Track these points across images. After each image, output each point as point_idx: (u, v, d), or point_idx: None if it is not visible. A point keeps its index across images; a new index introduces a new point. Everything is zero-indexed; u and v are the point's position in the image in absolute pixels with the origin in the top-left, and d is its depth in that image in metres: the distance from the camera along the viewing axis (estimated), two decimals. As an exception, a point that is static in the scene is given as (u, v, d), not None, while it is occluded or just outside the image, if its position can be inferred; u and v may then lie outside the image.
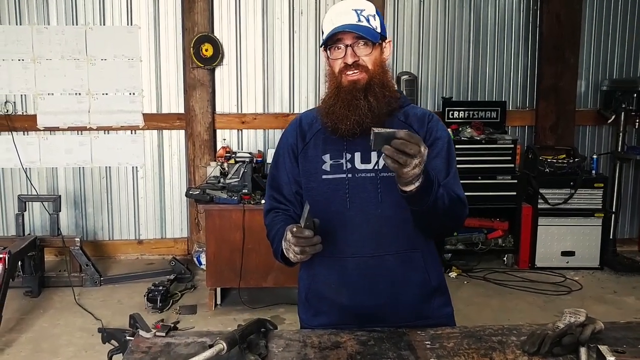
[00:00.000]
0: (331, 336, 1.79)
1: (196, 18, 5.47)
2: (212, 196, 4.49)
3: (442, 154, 1.90)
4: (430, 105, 5.89)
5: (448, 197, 1.77)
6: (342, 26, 1.82)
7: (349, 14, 1.84)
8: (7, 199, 5.72)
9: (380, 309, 1.90)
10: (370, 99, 1.83)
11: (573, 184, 5.40)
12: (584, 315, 1.70)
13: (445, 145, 1.91)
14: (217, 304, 4.67)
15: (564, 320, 1.70)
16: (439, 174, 1.83)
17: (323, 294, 1.96)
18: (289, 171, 1.99)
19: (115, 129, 5.72)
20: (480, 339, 1.77)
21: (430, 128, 1.92)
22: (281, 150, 2.03)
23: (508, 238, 5.61)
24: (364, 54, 1.84)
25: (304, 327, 2.01)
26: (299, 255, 1.74)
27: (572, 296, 4.92)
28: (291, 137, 2.01)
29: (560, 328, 1.66)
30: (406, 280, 1.90)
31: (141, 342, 1.76)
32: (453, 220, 1.87)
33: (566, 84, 5.79)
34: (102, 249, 5.85)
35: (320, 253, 1.91)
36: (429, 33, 5.86)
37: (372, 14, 1.87)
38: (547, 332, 1.66)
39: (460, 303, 4.63)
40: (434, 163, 1.86)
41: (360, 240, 1.88)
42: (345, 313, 1.92)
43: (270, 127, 5.78)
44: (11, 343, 4.01)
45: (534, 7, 5.87)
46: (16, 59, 5.55)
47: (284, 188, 2.00)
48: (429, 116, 1.96)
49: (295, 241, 1.71)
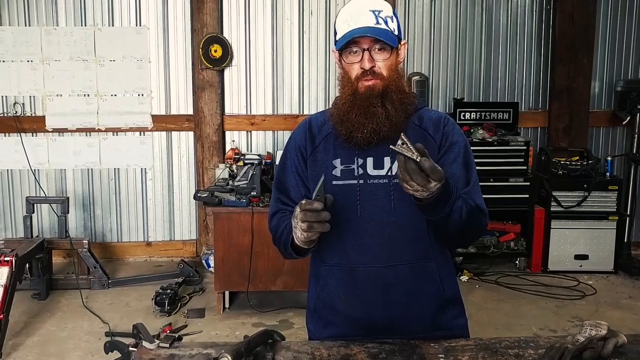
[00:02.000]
0: (341, 348, 1.73)
1: (205, 19, 5.43)
2: (221, 199, 4.45)
3: (459, 160, 1.82)
4: (442, 107, 5.83)
5: (466, 209, 1.70)
6: (361, 29, 1.73)
7: (366, 15, 1.75)
8: (16, 200, 5.71)
9: (392, 321, 1.82)
10: (388, 107, 1.76)
11: (587, 186, 5.32)
12: (605, 328, 1.63)
13: (462, 150, 1.84)
14: (226, 307, 4.62)
15: (584, 333, 1.63)
16: (458, 182, 1.77)
17: (332, 304, 1.88)
18: (296, 174, 1.91)
19: (124, 131, 5.69)
20: (496, 352, 1.71)
21: (446, 132, 1.85)
22: (289, 153, 1.95)
23: (520, 241, 5.53)
24: (381, 59, 1.76)
25: (313, 338, 1.95)
26: (305, 233, 1.64)
27: (586, 301, 4.83)
28: (300, 139, 1.93)
29: (580, 342, 1.60)
30: (420, 291, 1.83)
31: (144, 353, 1.71)
32: (471, 231, 1.80)
33: (580, 85, 5.71)
34: (111, 251, 5.83)
35: (329, 262, 1.86)
36: (440, 33, 5.79)
37: (389, 15, 1.79)
38: (566, 346, 1.59)
39: (472, 307, 4.57)
40: (452, 170, 1.79)
41: (372, 250, 1.80)
42: (356, 325, 1.84)
43: (279, 128, 5.74)
44: (18, 347, 3.98)
45: (547, 7, 5.78)
46: (25, 60, 5.53)
47: (291, 191, 1.92)
48: (445, 120, 1.88)
49: (302, 215, 1.63)
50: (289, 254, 1.86)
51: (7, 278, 3.93)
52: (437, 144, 1.83)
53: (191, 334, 4.17)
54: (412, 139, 1.80)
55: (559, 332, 4.15)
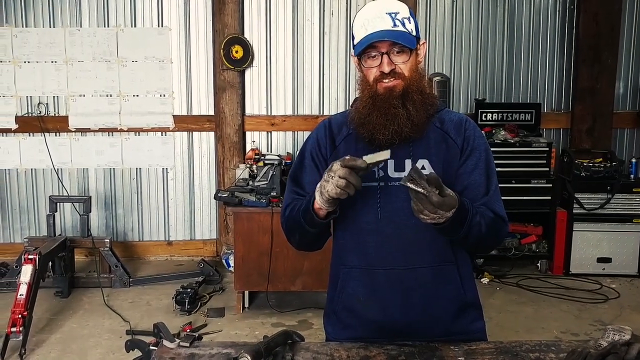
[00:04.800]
0: (360, 350, 1.73)
1: (226, 20, 5.46)
2: (241, 199, 4.46)
3: (481, 166, 1.81)
4: (463, 107, 5.79)
5: (485, 222, 1.71)
6: (378, 33, 1.72)
7: (383, 19, 1.73)
8: (39, 199, 5.79)
9: (412, 324, 1.81)
10: (409, 107, 1.74)
11: (610, 188, 5.25)
12: (629, 333, 1.60)
13: (483, 155, 1.83)
14: (245, 307, 4.64)
15: (607, 338, 1.60)
16: (479, 189, 1.77)
17: (351, 307, 1.87)
18: (314, 173, 1.89)
19: (146, 131, 5.74)
20: (516, 355, 1.69)
21: (467, 137, 1.83)
22: (307, 152, 1.93)
23: (542, 243, 5.47)
24: (400, 61, 1.75)
25: (330, 340, 1.93)
26: (338, 189, 1.57)
27: (609, 305, 4.76)
28: (320, 139, 1.92)
29: (603, 347, 1.57)
30: (440, 294, 1.82)
31: (165, 352, 1.72)
32: (492, 240, 1.80)
33: (603, 86, 5.63)
34: (132, 250, 5.88)
35: (348, 264, 1.85)
36: (461, 33, 5.75)
37: (406, 16, 1.76)
38: (588, 351, 1.56)
39: (492, 310, 4.54)
40: (473, 177, 1.79)
41: (392, 252, 1.79)
42: (374, 328, 1.83)
43: (299, 129, 5.75)
44: (41, 343, 4.03)
45: (570, 7, 5.72)
46: (49, 61, 5.60)
47: (307, 187, 1.89)
48: (466, 122, 1.87)
49: (344, 172, 1.57)
50: (301, 227, 1.79)
51: (31, 276, 3.98)
52: (459, 148, 1.82)
53: (211, 333, 4.19)
54: (434, 141, 1.80)
55: (581, 336, 4.09)
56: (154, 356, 1.71)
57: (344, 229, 1.87)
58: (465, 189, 1.78)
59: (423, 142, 1.80)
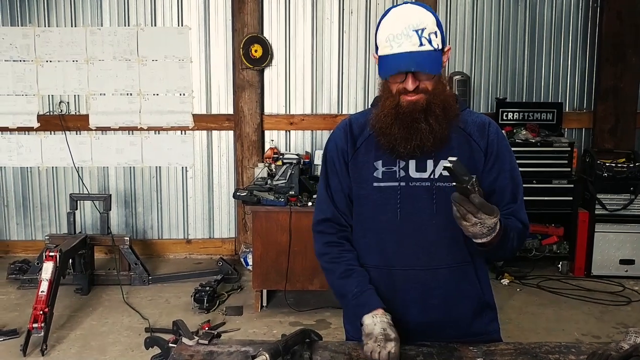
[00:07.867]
0: (378, 349, 1.72)
1: (246, 19, 5.47)
2: (259, 197, 4.47)
3: (506, 168, 1.81)
4: (484, 107, 5.74)
5: (517, 235, 1.74)
6: (405, 60, 1.67)
7: (409, 37, 1.66)
8: (60, 197, 5.85)
9: (430, 325, 1.81)
10: (431, 121, 1.72)
11: (633, 189, 5.18)
12: (651, 336, 1.58)
13: (507, 159, 1.83)
14: (263, 305, 4.64)
15: (629, 340, 1.58)
16: (504, 194, 1.79)
17: (370, 306, 1.87)
18: (341, 177, 1.89)
19: (166, 130, 5.77)
20: (535, 357, 1.67)
21: (491, 140, 1.83)
22: (329, 157, 1.93)
23: (563, 244, 5.41)
24: (425, 79, 1.72)
25: (350, 339, 1.93)
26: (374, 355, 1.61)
27: (632, 307, 4.70)
28: (341, 141, 1.90)
29: (624, 349, 1.55)
30: (459, 295, 1.81)
31: (184, 349, 1.73)
32: (516, 250, 1.81)
33: (627, 85, 5.55)
34: (151, 247, 5.92)
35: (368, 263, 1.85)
36: (482, 32, 5.70)
37: (433, 31, 1.69)
38: (610, 353, 1.54)
39: (512, 312, 4.49)
40: (500, 181, 1.80)
41: (411, 252, 1.79)
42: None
43: (318, 128, 5.74)
44: (62, 339, 4.07)
45: (594, 5, 5.64)
46: (70, 60, 5.66)
47: (336, 195, 1.91)
48: (489, 125, 1.86)
49: None
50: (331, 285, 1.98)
51: (52, 273, 4.02)
52: (483, 151, 1.82)
53: (229, 332, 4.20)
54: (456, 142, 1.79)
55: (602, 339, 4.04)
56: (172, 353, 1.72)
57: (363, 229, 1.87)
58: (491, 194, 1.77)
59: (446, 143, 1.79)
